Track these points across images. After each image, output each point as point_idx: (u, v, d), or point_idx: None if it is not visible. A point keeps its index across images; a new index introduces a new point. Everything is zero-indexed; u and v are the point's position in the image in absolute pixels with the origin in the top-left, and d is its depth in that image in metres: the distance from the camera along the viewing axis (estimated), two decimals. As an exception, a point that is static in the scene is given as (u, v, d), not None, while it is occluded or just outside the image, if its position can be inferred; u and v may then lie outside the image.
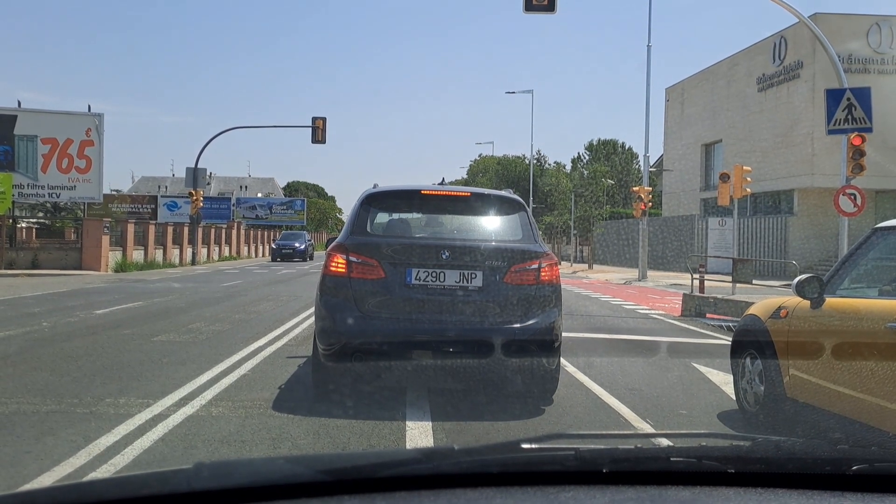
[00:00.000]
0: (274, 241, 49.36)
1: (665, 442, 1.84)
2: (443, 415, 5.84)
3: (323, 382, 6.46)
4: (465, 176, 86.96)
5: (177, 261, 36.25)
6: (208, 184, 68.99)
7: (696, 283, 17.78)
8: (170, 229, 36.83)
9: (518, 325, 6.09)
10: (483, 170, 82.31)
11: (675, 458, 1.50)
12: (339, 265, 6.18)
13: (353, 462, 1.50)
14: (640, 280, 28.67)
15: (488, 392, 6.81)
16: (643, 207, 29.30)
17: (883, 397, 4.44)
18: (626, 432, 5.15)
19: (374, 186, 7.11)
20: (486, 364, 6.46)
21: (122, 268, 29.45)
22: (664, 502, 1.34)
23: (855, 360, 4.81)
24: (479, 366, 6.67)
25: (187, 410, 5.81)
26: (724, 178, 23.57)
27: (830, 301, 5.15)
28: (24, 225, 36.73)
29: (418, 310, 6.09)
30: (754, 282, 18.19)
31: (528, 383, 6.60)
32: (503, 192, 7.03)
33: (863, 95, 16.29)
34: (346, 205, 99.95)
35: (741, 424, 5.92)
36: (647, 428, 5.74)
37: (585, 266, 41.10)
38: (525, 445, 1.58)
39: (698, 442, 1.74)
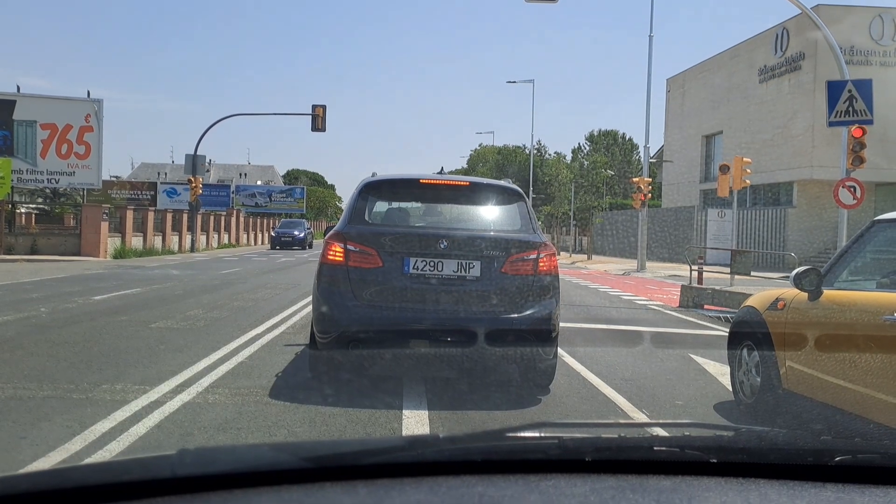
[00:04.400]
0: (273, 228, 49.33)
1: (649, 431, 1.83)
2: (439, 404, 5.85)
3: (320, 370, 6.48)
4: (465, 165, 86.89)
5: (176, 248, 36.26)
6: (208, 171, 68.98)
7: (695, 274, 17.78)
8: (169, 216, 36.82)
9: (515, 315, 6.09)
10: (483, 159, 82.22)
11: (657, 448, 1.51)
12: (337, 254, 6.17)
13: (336, 449, 1.50)
14: (638, 271, 28.68)
15: (485, 381, 6.83)
16: (643, 198, 29.29)
17: (879, 390, 4.45)
18: (609, 421, 5.16)
19: (373, 175, 7.10)
20: (483, 353, 6.47)
21: (120, 254, 29.46)
22: (645, 491, 1.35)
23: (852, 352, 4.81)
24: (476, 355, 6.68)
25: (184, 397, 5.82)
26: (724, 169, 23.51)
27: (828, 293, 5.15)
28: (23, 210, 36.68)
29: (416, 299, 6.08)
30: (753, 273, 18.17)
31: (524, 373, 6.61)
32: (502, 182, 7.02)
33: (864, 87, 16.23)
34: (346, 193, 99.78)
35: (737, 415, 5.94)
36: (643, 418, 5.76)
37: (584, 257, 41.10)
38: (509, 434, 1.58)
39: (682, 431, 1.74)
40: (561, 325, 6.68)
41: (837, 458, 1.49)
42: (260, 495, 1.30)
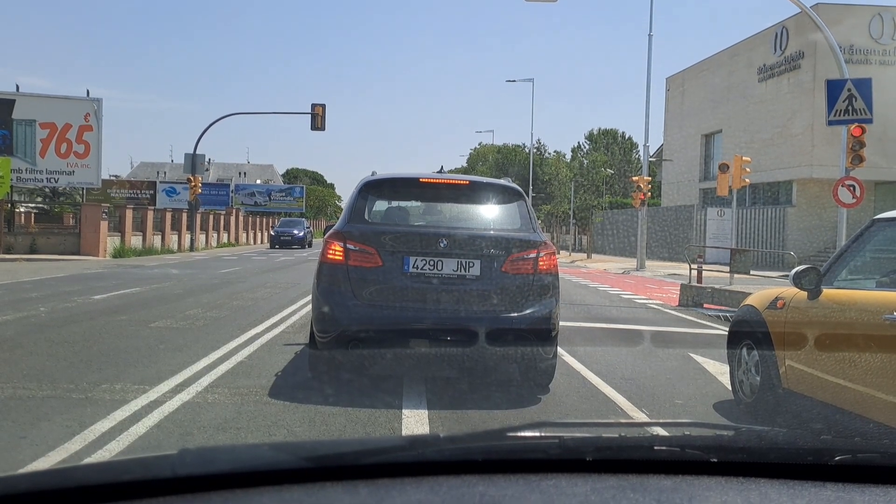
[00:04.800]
0: (273, 228, 49.32)
1: (650, 431, 1.84)
2: (439, 403, 5.86)
3: (320, 370, 6.48)
4: (465, 164, 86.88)
5: (175, 247, 36.24)
6: (207, 170, 68.91)
7: (694, 273, 17.78)
8: (168, 215, 36.80)
9: (515, 315, 6.09)
10: (482, 158, 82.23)
11: (657, 447, 1.51)
12: (337, 253, 6.17)
13: (336, 449, 1.50)
14: (638, 270, 28.68)
15: (485, 381, 6.83)
16: (642, 197, 29.28)
17: (879, 389, 4.44)
18: (610, 421, 5.17)
19: (373, 174, 7.09)
20: (482, 353, 6.47)
21: (120, 253, 29.45)
22: (645, 490, 1.35)
23: (851, 351, 4.80)
24: (476, 354, 6.68)
25: (183, 397, 5.82)
26: (724, 168, 23.55)
27: (828, 292, 5.14)
28: (22, 210, 36.69)
29: (416, 298, 6.08)
30: (752, 272, 18.17)
31: (524, 372, 6.62)
32: (502, 181, 7.02)
33: (864, 86, 16.25)
34: (345, 192, 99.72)
35: (736, 414, 5.94)
36: (642, 417, 5.76)
37: (584, 255, 41.10)
38: (509, 434, 1.58)
39: (682, 431, 1.74)
40: (561, 324, 6.68)
41: (837, 458, 1.49)
42: (261, 495, 1.30)
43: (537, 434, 1.62)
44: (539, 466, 1.42)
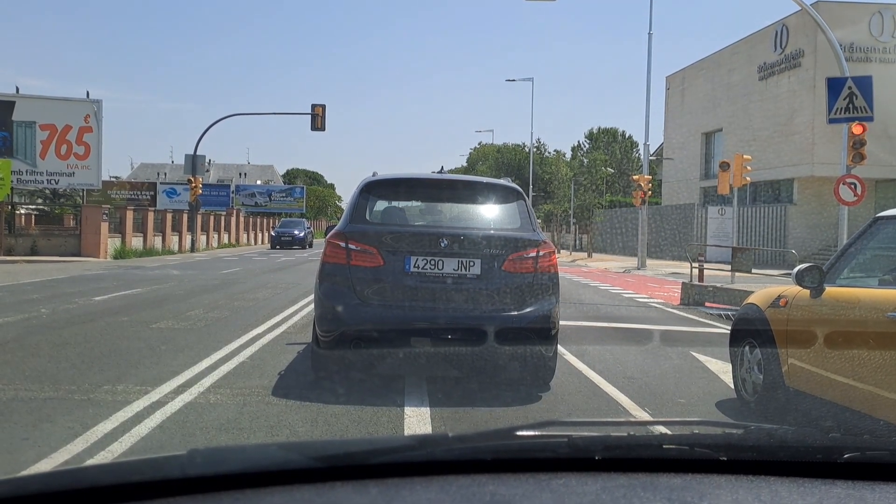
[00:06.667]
0: (273, 228, 49.31)
1: (658, 429, 1.83)
2: (441, 402, 5.86)
3: (322, 369, 6.48)
4: (465, 164, 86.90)
5: (176, 248, 36.26)
6: (207, 171, 68.92)
7: (696, 271, 17.79)
8: (169, 216, 36.80)
9: (516, 313, 6.10)
10: (483, 158, 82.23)
11: (667, 446, 1.51)
12: (339, 253, 6.18)
13: (345, 449, 1.50)
14: (639, 269, 28.67)
15: (486, 379, 6.82)
16: (643, 196, 29.27)
17: (882, 387, 4.44)
18: (619, 420, 5.17)
19: (374, 174, 7.11)
20: (483, 351, 6.47)
21: (120, 255, 29.45)
22: (655, 489, 1.34)
23: (854, 349, 4.80)
24: (477, 353, 6.69)
25: (185, 397, 5.82)
26: (724, 166, 23.58)
27: (830, 290, 5.14)
28: (22, 211, 36.66)
29: (417, 297, 6.10)
30: (753, 271, 18.18)
31: (525, 371, 6.62)
32: (502, 181, 7.03)
33: (864, 84, 16.25)
34: (346, 192, 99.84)
35: (739, 413, 5.93)
36: (645, 416, 5.75)
37: (584, 254, 41.09)
38: (518, 433, 1.58)
39: (691, 430, 1.74)
40: (561, 323, 6.68)
41: (846, 456, 1.49)
42: (271, 495, 1.29)
43: (546, 433, 1.62)
44: (548, 465, 1.42)
